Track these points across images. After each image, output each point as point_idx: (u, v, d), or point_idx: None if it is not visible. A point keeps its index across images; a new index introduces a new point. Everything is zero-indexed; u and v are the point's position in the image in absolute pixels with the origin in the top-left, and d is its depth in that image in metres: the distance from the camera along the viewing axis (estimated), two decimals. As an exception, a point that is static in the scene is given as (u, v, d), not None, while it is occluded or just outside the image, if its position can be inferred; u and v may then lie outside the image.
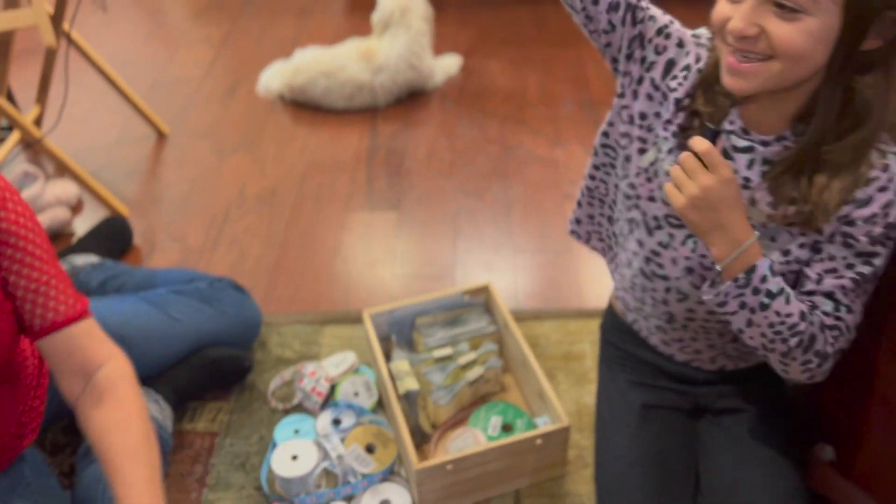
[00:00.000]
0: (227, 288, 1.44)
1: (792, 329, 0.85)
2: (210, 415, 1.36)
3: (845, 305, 0.86)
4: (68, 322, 0.93)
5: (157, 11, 2.92)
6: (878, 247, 0.83)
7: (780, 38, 0.74)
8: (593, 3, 0.91)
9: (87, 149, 2.10)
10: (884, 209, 0.81)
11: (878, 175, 0.81)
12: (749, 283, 0.83)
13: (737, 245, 0.83)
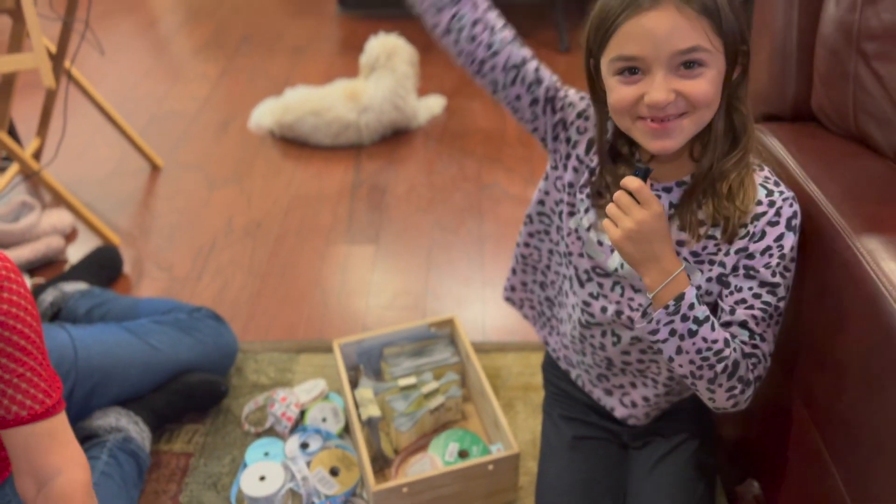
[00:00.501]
0: (205, 318, 1.53)
1: (718, 355, 0.91)
2: (186, 436, 1.44)
3: (758, 334, 0.93)
4: (32, 420, 0.92)
5: (158, 48, 3.05)
6: (778, 277, 0.91)
7: (695, 94, 0.84)
8: (516, 98, 1.03)
9: (83, 180, 2.20)
10: (776, 241, 0.90)
11: (766, 210, 0.90)
12: (678, 309, 0.90)
13: (667, 274, 0.90)
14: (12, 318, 0.89)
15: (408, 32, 2.97)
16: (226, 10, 3.37)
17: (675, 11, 0.82)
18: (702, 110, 0.86)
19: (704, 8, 0.82)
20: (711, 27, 0.83)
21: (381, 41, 2.37)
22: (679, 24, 0.82)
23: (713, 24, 0.83)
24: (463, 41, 1.02)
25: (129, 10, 3.40)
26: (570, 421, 1.21)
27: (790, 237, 0.90)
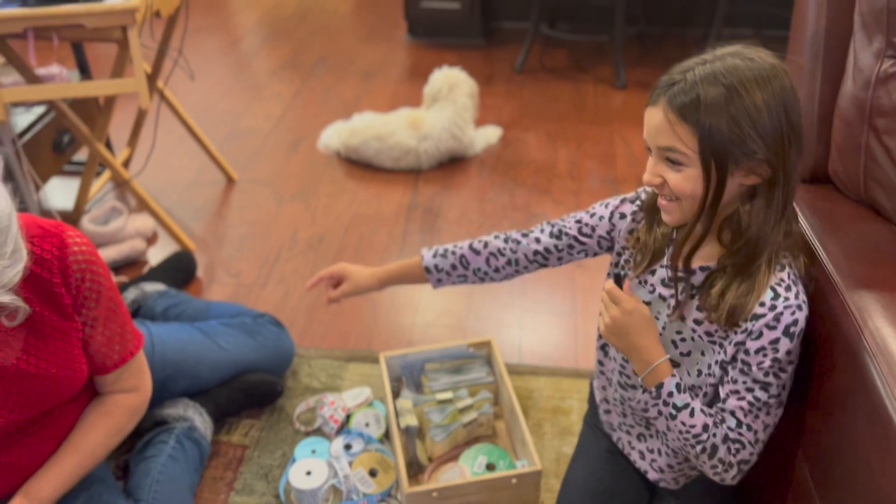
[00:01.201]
0: (268, 323, 1.69)
1: (696, 438, 1.00)
2: (244, 430, 1.60)
3: (746, 424, 0.99)
4: (122, 363, 1.23)
5: (239, 66, 3.28)
6: (771, 377, 0.97)
7: (673, 185, 0.94)
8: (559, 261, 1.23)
9: (165, 189, 2.42)
10: (772, 344, 0.95)
11: (766, 313, 0.94)
12: (659, 396, 1.02)
13: (648, 365, 1.02)
14: (107, 281, 1.15)
15: (470, 64, 3.13)
16: (303, 32, 3.59)
17: (662, 112, 0.92)
18: (684, 200, 0.95)
19: (684, 115, 0.89)
20: (690, 133, 0.90)
21: (445, 74, 2.52)
22: (662, 123, 0.92)
23: (692, 130, 0.89)
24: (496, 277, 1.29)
25: (214, 28, 3.65)
26: (609, 439, 1.31)
27: (786, 342, 0.94)
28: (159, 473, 1.38)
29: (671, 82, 0.92)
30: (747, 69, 0.90)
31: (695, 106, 0.89)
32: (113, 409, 1.26)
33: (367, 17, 3.78)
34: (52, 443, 1.23)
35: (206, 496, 1.47)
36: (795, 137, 0.92)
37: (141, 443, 1.46)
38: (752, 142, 0.89)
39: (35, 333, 1.11)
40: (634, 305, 1.02)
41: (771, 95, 0.89)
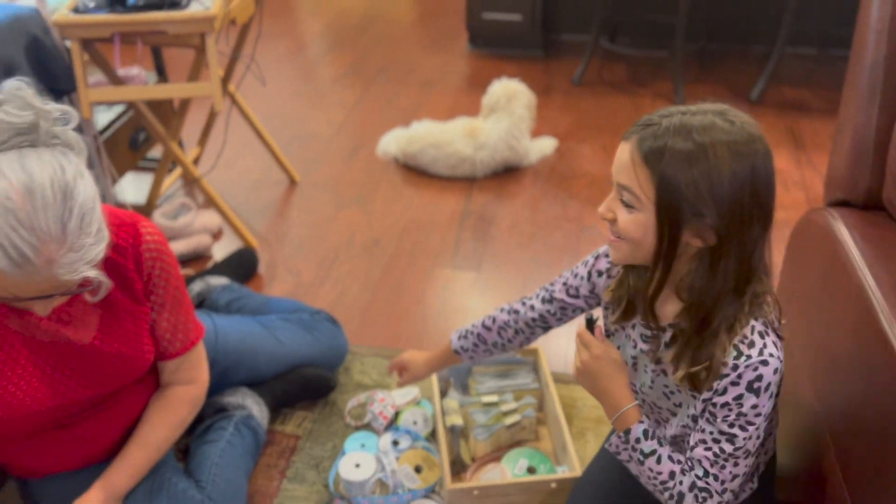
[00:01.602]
0: (324, 320, 1.77)
1: (663, 485, 1.01)
2: (297, 421, 1.68)
3: (713, 475, 0.98)
4: (185, 351, 1.32)
5: (305, 72, 3.40)
6: (737, 429, 0.95)
7: (620, 223, 0.93)
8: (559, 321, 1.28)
9: (231, 187, 2.53)
10: (736, 400, 0.93)
11: (729, 373, 0.93)
12: (628, 442, 1.02)
13: (616, 410, 1.02)
14: (175, 271, 1.24)
15: (529, 75, 3.18)
16: (367, 41, 3.69)
17: (629, 150, 0.90)
18: (629, 242, 0.93)
19: (647, 160, 0.88)
20: (648, 178, 0.88)
21: (504, 85, 2.58)
22: (626, 162, 0.90)
23: (650, 177, 0.88)
24: (515, 346, 1.35)
25: (282, 34, 3.79)
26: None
27: (751, 398, 0.93)
28: (218, 457, 1.46)
29: (648, 123, 0.90)
30: (723, 132, 0.87)
31: (660, 154, 0.87)
32: (174, 402, 1.35)
33: (429, 28, 3.86)
34: (120, 421, 1.33)
35: (259, 482, 1.55)
36: (760, 214, 0.89)
37: (201, 428, 1.55)
38: (704, 206, 0.87)
39: (109, 314, 1.21)
40: (604, 350, 1.03)
41: (738, 164, 0.87)
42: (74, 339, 1.17)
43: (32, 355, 1.16)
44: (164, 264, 1.24)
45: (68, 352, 1.18)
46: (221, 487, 1.40)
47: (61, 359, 1.18)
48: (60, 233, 0.95)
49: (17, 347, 1.15)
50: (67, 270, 0.97)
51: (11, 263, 0.93)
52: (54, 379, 1.18)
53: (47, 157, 0.96)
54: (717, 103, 0.92)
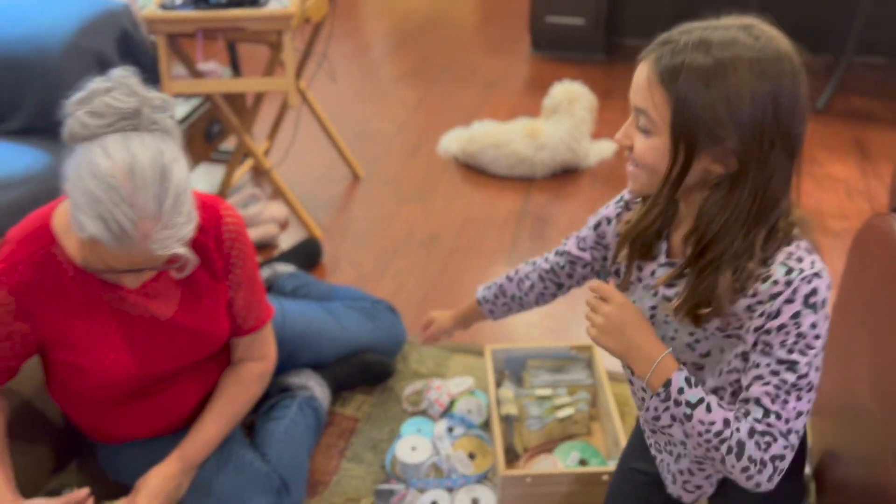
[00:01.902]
0: (384, 309, 1.83)
1: (718, 437, 0.87)
2: (356, 404, 1.75)
3: (774, 412, 0.87)
4: (257, 328, 1.40)
5: (369, 71, 3.49)
6: (797, 355, 0.85)
7: (636, 150, 0.88)
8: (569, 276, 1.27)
9: (298, 180, 2.62)
10: (793, 319, 0.85)
11: (783, 290, 0.85)
12: (669, 396, 0.89)
13: (650, 362, 0.90)
14: (251, 252, 1.33)
15: (591, 79, 3.20)
16: (430, 42, 3.77)
17: (646, 70, 0.84)
18: (646, 170, 0.88)
19: (663, 80, 0.82)
20: (664, 100, 0.82)
21: (566, 87, 2.61)
22: (643, 82, 0.84)
23: (667, 98, 0.82)
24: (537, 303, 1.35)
25: (349, 34, 3.89)
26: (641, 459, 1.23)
27: (809, 314, 0.85)
28: (283, 433, 1.54)
29: (666, 41, 0.84)
30: (746, 48, 0.80)
31: (676, 73, 0.81)
32: (245, 377, 1.43)
33: (492, 30, 3.91)
34: (196, 393, 1.41)
35: (319, 460, 1.62)
36: (782, 138, 0.82)
37: (267, 406, 1.62)
38: (723, 128, 0.81)
39: (190, 291, 1.29)
40: (625, 299, 0.94)
41: (760, 84, 0.80)
42: (158, 313, 1.26)
43: (121, 327, 1.25)
44: (242, 245, 1.32)
45: (152, 325, 1.27)
46: (286, 461, 1.47)
47: (146, 332, 1.26)
48: (157, 210, 1.03)
49: (108, 319, 1.24)
50: (160, 246, 1.05)
51: (112, 236, 1.01)
52: (139, 350, 1.27)
53: (148, 140, 1.04)
54: (744, 17, 0.84)
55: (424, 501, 1.50)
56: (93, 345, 1.23)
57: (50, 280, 1.18)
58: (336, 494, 1.55)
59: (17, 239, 1.19)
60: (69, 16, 1.76)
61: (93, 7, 1.80)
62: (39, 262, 1.17)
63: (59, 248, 1.18)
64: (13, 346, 1.21)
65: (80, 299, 1.21)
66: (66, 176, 1.03)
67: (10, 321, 1.18)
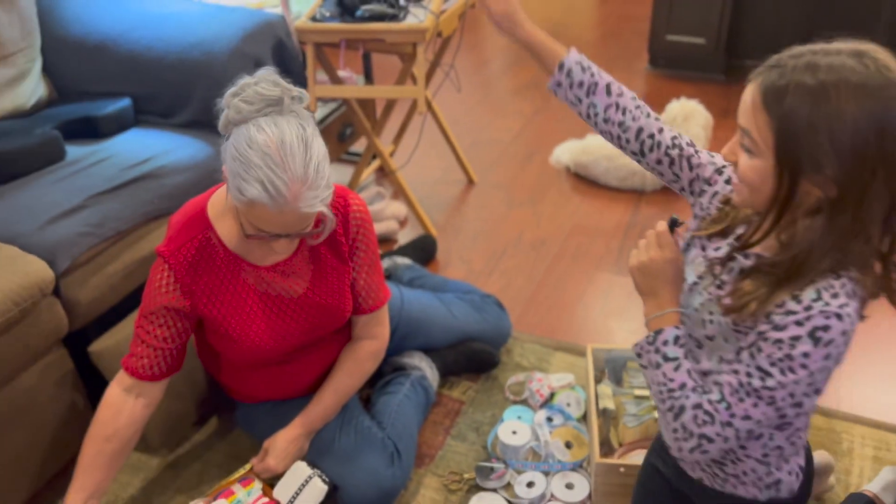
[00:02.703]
0: (492, 304, 1.96)
1: (670, 393, 0.96)
2: (462, 388, 1.88)
3: (726, 402, 0.92)
4: (377, 308, 1.55)
5: (488, 84, 3.65)
6: (776, 370, 0.88)
7: (740, 168, 0.90)
8: (657, 163, 1.11)
9: (417, 182, 2.80)
10: (791, 340, 0.86)
11: (799, 310, 0.86)
12: (655, 341, 0.98)
13: (660, 309, 0.99)
14: (374, 238, 1.49)
15: (708, 97, 3.22)
16: (548, 56, 3.88)
17: (752, 92, 0.86)
18: (746, 187, 0.90)
19: (767, 102, 0.83)
20: (767, 123, 0.84)
21: (681, 105, 2.66)
22: (748, 104, 0.86)
23: (769, 121, 0.83)
24: (600, 124, 1.12)
25: (470, 48, 4.07)
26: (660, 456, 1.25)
27: (807, 344, 0.85)
28: (397, 406, 1.69)
29: (775, 64, 0.85)
30: (854, 74, 0.80)
31: (780, 96, 0.82)
32: (361, 354, 1.59)
33: (611, 47, 3.98)
34: (320, 364, 1.59)
35: (427, 436, 1.77)
36: (891, 169, 0.81)
37: (382, 382, 1.79)
38: (823, 155, 0.81)
39: (319, 270, 1.46)
40: (676, 255, 1.00)
41: (865, 111, 0.79)
42: (291, 290, 1.44)
43: (260, 303, 1.43)
44: (366, 231, 1.49)
45: (287, 302, 1.44)
46: (398, 430, 1.63)
47: (282, 308, 1.45)
48: (304, 174, 1.19)
49: (251, 297, 1.42)
50: (307, 205, 1.21)
51: (269, 196, 1.18)
52: (275, 324, 1.45)
53: (292, 120, 1.21)
54: (859, 43, 0.83)
55: (522, 481, 1.61)
56: (240, 319, 1.42)
57: (206, 261, 1.38)
58: (440, 467, 1.68)
59: (179, 225, 1.39)
60: (234, 25, 2.00)
61: (254, 18, 2.03)
62: (198, 246, 1.36)
63: (214, 232, 1.37)
64: (183, 322, 1.40)
65: (229, 279, 1.40)
66: (225, 155, 1.22)
67: (177, 298, 1.37)
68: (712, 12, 3.32)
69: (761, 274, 0.91)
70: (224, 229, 1.37)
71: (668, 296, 1.00)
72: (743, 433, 0.93)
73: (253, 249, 1.39)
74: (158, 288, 1.36)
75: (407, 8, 2.13)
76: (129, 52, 2.00)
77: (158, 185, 1.77)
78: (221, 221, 1.37)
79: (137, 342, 1.39)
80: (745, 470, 1.04)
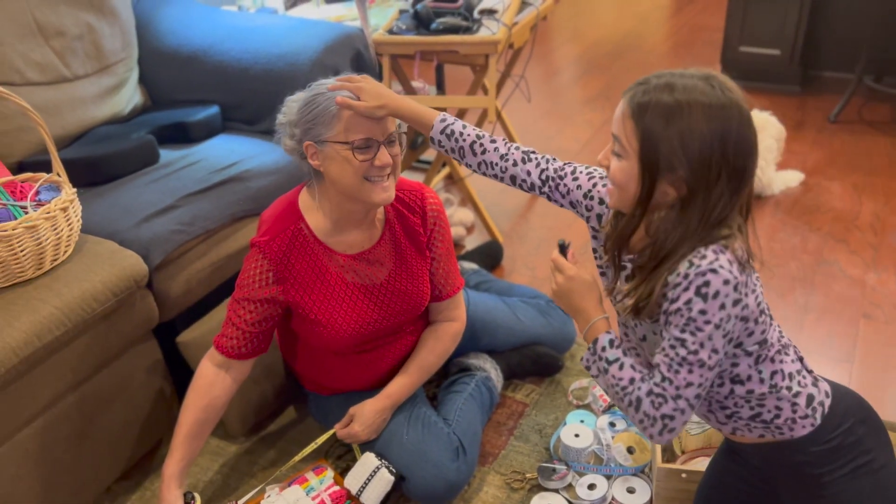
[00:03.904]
0: (558, 308, 2.00)
1: (623, 391, 1.08)
2: (526, 391, 1.92)
3: (667, 378, 1.03)
4: (454, 294, 1.66)
5: (557, 94, 3.68)
6: (687, 335, 1.00)
7: (611, 171, 1.04)
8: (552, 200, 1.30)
9: (485, 190, 2.86)
10: (686, 304, 0.99)
11: (680, 281, 1.00)
12: (595, 351, 1.11)
13: (587, 322, 1.12)
14: (449, 230, 1.61)
15: (782, 109, 3.18)
16: (619, 68, 3.89)
17: (622, 105, 1.01)
18: (616, 188, 1.04)
19: (634, 113, 0.98)
20: (633, 130, 0.98)
21: (754, 116, 2.63)
22: (619, 114, 1.01)
23: (635, 129, 0.98)
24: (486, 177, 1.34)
25: (540, 58, 4.11)
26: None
27: (698, 302, 0.98)
28: (462, 404, 1.75)
29: (643, 81, 1.00)
30: (703, 95, 0.96)
31: (644, 109, 0.97)
32: (442, 335, 1.67)
33: (683, 58, 3.96)
34: (397, 353, 1.67)
35: (490, 435, 1.81)
36: (731, 173, 0.97)
37: (447, 381, 1.84)
38: (677, 160, 0.96)
39: (400, 259, 1.56)
40: (576, 272, 1.13)
41: (709, 127, 0.95)
42: (374, 277, 1.53)
43: (346, 290, 1.53)
44: (442, 223, 1.57)
45: (370, 289, 1.54)
46: (463, 426, 1.68)
47: (365, 294, 1.53)
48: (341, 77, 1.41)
49: (338, 284, 1.52)
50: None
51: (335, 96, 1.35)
52: (359, 310, 1.54)
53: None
54: (707, 70, 1.00)
55: (583, 483, 1.64)
56: (327, 305, 1.52)
57: (298, 250, 1.48)
58: (503, 466, 1.73)
59: (272, 218, 1.50)
60: (316, 37, 2.11)
61: (335, 31, 2.14)
62: (291, 236, 1.47)
63: (305, 223, 1.48)
64: (272, 308, 1.50)
65: (319, 266, 1.50)
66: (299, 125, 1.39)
67: (270, 285, 1.48)
68: (788, 23, 3.27)
69: (637, 270, 1.06)
70: (314, 220, 1.49)
71: (589, 306, 1.13)
72: (693, 400, 1.04)
73: (340, 240, 1.50)
74: (252, 276, 1.47)
75: (480, 20, 2.19)
76: (219, 62, 2.13)
77: (244, 188, 1.88)
78: (311, 213, 1.49)
79: (228, 324, 1.51)
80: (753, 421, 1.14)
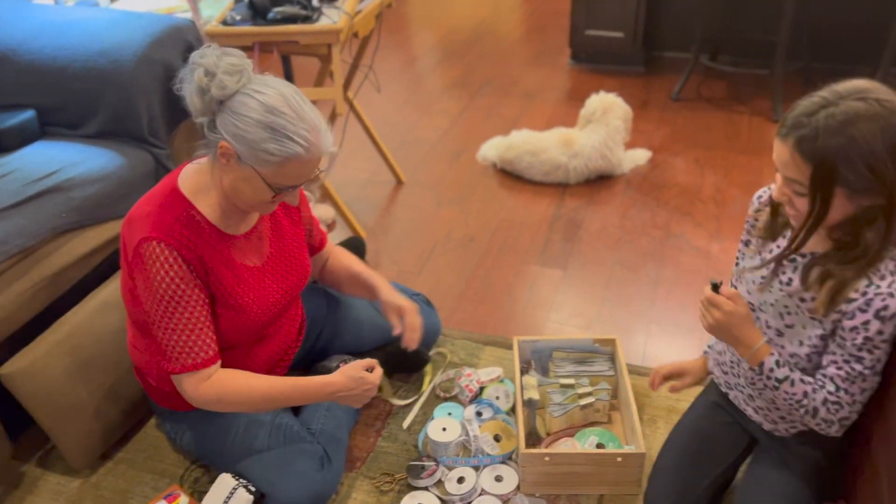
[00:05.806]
0: (422, 302, 1.97)
1: (799, 402, 1.21)
2: (393, 389, 1.88)
3: (843, 389, 1.17)
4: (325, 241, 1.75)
5: (415, 83, 3.65)
6: (864, 352, 1.13)
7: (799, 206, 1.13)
8: None
9: (345, 184, 2.78)
10: (863, 325, 1.12)
11: (858, 298, 1.11)
12: (762, 372, 1.22)
13: (749, 349, 1.22)
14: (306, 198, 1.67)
15: (628, 90, 3.30)
16: (475, 55, 3.91)
17: (789, 151, 1.08)
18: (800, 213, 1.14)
19: (805, 156, 1.06)
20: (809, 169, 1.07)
21: (601, 98, 2.71)
22: (789, 161, 1.09)
23: (810, 166, 1.07)
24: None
25: (395, 47, 4.06)
26: (720, 396, 1.48)
27: (876, 324, 1.10)
28: (325, 411, 1.68)
29: (798, 125, 1.07)
30: (868, 115, 1.02)
31: (818, 152, 1.05)
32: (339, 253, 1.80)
33: (535, 44, 4.04)
34: (293, 326, 1.67)
35: (358, 438, 1.76)
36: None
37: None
38: (866, 179, 1.04)
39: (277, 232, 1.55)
40: (732, 307, 1.21)
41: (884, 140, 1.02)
42: (262, 252, 1.50)
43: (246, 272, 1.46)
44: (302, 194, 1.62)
45: (267, 269, 1.50)
46: (328, 434, 1.61)
47: (265, 275, 1.50)
48: (315, 118, 1.30)
49: (237, 267, 1.45)
50: (328, 143, 1.33)
51: (304, 149, 1.27)
52: (266, 290, 1.50)
53: (266, 79, 1.29)
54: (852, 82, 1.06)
55: (452, 477, 1.62)
56: (241, 290, 1.44)
57: (195, 236, 1.37)
58: (372, 469, 1.68)
59: (156, 209, 1.35)
60: (141, 31, 1.95)
61: (162, 23, 1.99)
62: (185, 223, 1.36)
63: (195, 209, 1.37)
64: (204, 292, 1.38)
65: (219, 251, 1.41)
66: (230, 129, 1.26)
67: (190, 276, 1.35)
68: (629, 6, 3.39)
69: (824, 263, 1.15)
70: (204, 205, 1.39)
71: (748, 335, 1.22)
72: (865, 398, 1.18)
73: (230, 223, 1.42)
74: (168, 271, 1.34)
75: (320, 9, 2.11)
76: (31, 61, 1.93)
77: (67, 199, 1.72)
78: (201, 198, 1.39)
79: (188, 336, 1.37)
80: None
